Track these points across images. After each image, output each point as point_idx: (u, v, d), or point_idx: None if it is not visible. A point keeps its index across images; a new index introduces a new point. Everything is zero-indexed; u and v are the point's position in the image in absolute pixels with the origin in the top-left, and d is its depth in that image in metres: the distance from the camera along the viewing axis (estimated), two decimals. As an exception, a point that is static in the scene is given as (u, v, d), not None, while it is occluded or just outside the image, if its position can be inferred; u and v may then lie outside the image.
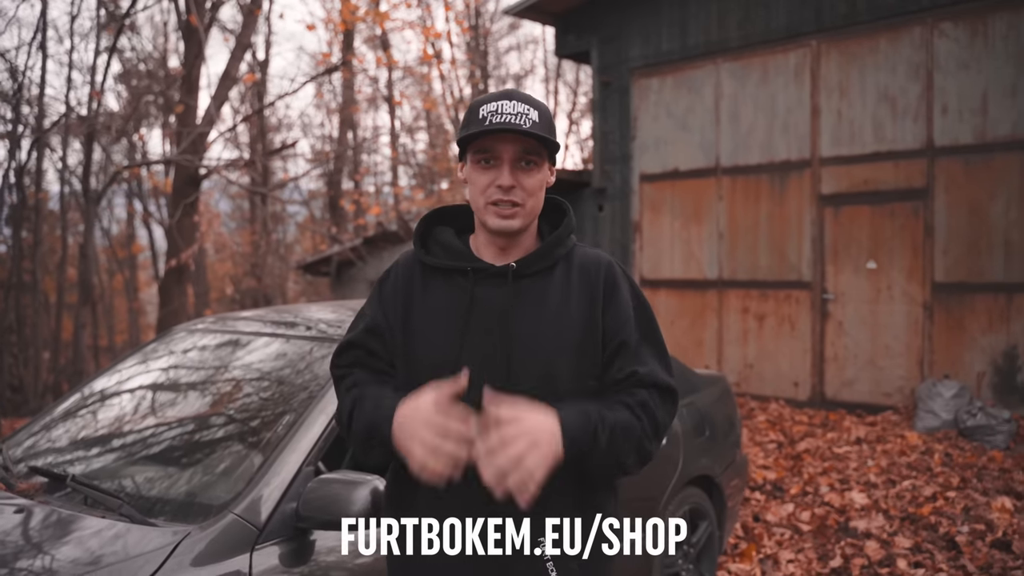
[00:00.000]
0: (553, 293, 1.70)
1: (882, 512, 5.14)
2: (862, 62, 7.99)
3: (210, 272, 25.43)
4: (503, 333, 1.65)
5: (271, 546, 2.12)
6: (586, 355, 1.69)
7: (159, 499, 2.24)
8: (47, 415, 3.04)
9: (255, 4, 12.42)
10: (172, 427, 2.65)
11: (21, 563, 1.99)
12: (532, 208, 1.69)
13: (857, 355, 8.05)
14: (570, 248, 1.77)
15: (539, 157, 1.68)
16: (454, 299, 1.70)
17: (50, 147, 15.36)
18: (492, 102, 1.65)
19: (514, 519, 1.63)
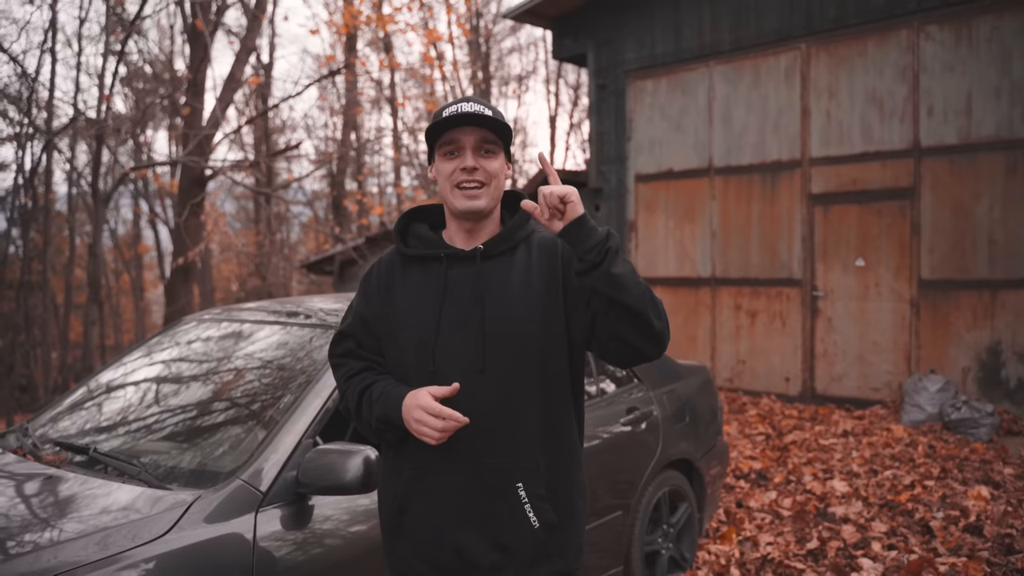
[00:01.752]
0: (517, 270, 1.92)
1: (861, 499, 5.35)
2: (851, 64, 8.20)
3: (215, 272, 25.67)
4: (475, 307, 1.88)
5: (274, 509, 2.35)
6: (550, 321, 1.90)
7: (173, 468, 2.46)
8: (68, 397, 3.27)
9: (259, 8, 12.67)
10: (183, 407, 2.87)
11: (55, 519, 2.22)
12: (495, 190, 1.92)
13: (846, 351, 8.26)
14: (529, 232, 1.99)
15: (496, 147, 1.92)
16: (430, 281, 1.93)
17: (58, 149, 15.61)
18: (453, 105, 1.91)
19: (492, 469, 1.85)
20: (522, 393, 1.88)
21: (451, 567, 1.88)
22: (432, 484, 1.88)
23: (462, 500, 1.86)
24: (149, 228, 24.75)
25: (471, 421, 1.80)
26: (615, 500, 3.60)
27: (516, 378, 1.87)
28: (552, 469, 1.90)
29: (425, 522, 1.89)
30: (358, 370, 1.99)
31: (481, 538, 1.85)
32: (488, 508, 1.86)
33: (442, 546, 1.87)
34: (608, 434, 3.62)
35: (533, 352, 1.89)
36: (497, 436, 1.86)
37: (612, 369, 3.98)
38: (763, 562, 4.37)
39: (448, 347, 1.87)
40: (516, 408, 1.87)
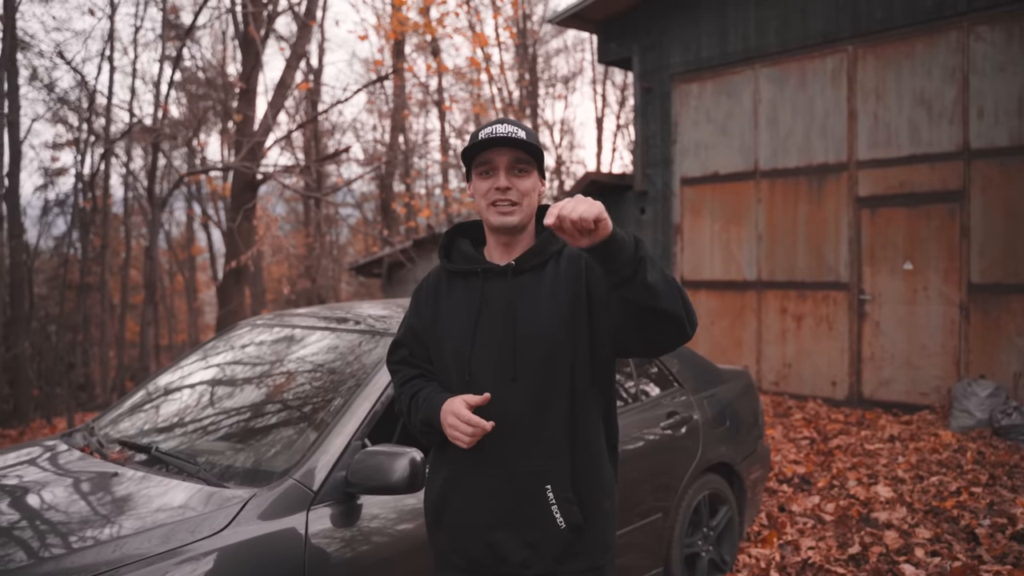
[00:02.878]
0: (547, 283, 2.02)
1: (906, 505, 5.32)
2: (898, 66, 8.12)
3: (266, 274, 26.15)
4: (507, 319, 1.99)
5: (324, 507, 2.46)
6: (576, 330, 1.99)
7: (229, 467, 2.60)
8: (130, 398, 3.43)
9: (309, 15, 12.93)
10: (238, 408, 3.01)
11: (120, 514, 2.37)
12: (527, 207, 2.02)
13: (894, 355, 8.18)
14: (561, 246, 2.08)
15: (529, 166, 2.01)
16: (470, 295, 2.05)
17: (116, 154, 16.10)
18: (488, 127, 2.02)
19: (522, 472, 1.97)
20: (550, 400, 1.98)
21: (484, 562, 2.00)
22: (467, 484, 2.02)
23: (494, 500, 1.98)
24: (202, 230, 25.32)
25: (503, 426, 1.93)
26: (655, 502, 3.66)
27: (545, 386, 1.98)
28: (579, 472, 2.00)
29: (461, 519, 2.03)
30: (410, 377, 2.15)
31: (512, 536, 1.97)
32: (518, 508, 1.97)
33: (476, 542, 2.00)
34: (649, 438, 3.68)
35: (560, 361, 1.98)
36: (527, 441, 1.97)
37: (653, 373, 4.04)
38: (804, 566, 4.39)
39: (483, 357, 2.00)
40: (545, 414, 1.98)
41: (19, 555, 2.17)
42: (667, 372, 4.08)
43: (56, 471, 2.76)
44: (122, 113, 15.68)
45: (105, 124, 13.19)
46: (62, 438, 3.21)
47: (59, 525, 2.34)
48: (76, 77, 11.63)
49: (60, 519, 2.38)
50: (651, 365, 4.05)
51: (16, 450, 3.12)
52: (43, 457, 2.94)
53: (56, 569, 2.08)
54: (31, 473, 2.78)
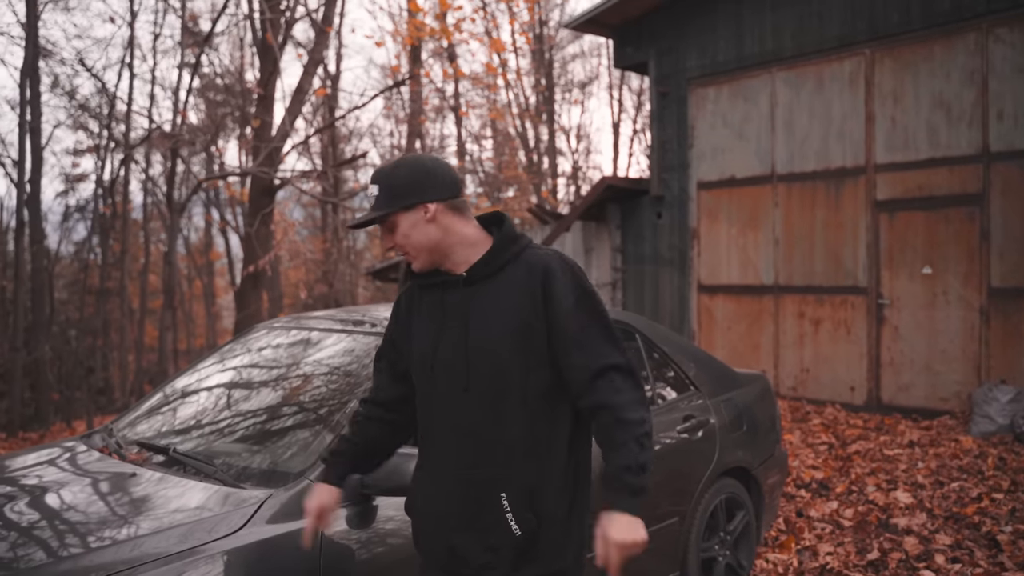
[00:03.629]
0: (500, 291, 2.01)
1: (926, 511, 5.27)
2: (916, 69, 8.07)
3: (284, 278, 26.28)
4: (461, 329, 2.01)
5: (340, 508, 2.46)
6: (529, 342, 1.97)
7: (245, 468, 2.61)
8: (147, 400, 3.46)
9: (326, 22, 13.01)
10: (255, 410, 3.03)
11: (138, 513, 2.39)
12: (418, 246, 2.03)
13: (913, 360, 8.11)
14: (519, 251, 2.05)
15: (392, 221, 2.03)
16: (433, 306, 2.09)
17: (135, 160, 16.25)
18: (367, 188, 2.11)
19: (479, 479, 2.00)
20: (504, 409, 1.98)
21: (447, 563, 2.06)
22: (430, 488, 2.09)
23: (453, 504, 2.03)
24: (220, 236, 25.50)
25: (460, 434, 2.00)
26: (672, 506, 3.64)
27: (497, 395, 1.98)
28: (536, 480, 1.99)
29: (425, 521, 2.11)
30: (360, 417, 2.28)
31: (473, 540, 2.00)
32: (477, 513, 2.00)
33: (438, 544, 2.06)
34: (665, 441, 3.67)
35: (512, 370, 1.97)
36: (482, 449, 1.99)
37: (670, 376, 4.03)
38: (822, 572, 4.36)
39: (443, 367, 2.03)
40: (499, 423, 1.98)
41: (39, 554, 2.19)
42: (684, 375, 4.07)
43: (75, 471, 2.78)
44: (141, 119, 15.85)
45: (125, 130, 13.32)
46: (81, 439, 3.24)
47: (78, 524, 2.36)
48: (97, 84, 11.76)
49: (79, 518, 2.40)
50: (668, 368, 4.04)
51: (36, 451, 3.15)
52: (63, 458, 2.96)
53: (75, 567, 2.09)
54: (51, 473, 2.81)
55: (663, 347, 4.05)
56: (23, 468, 2.89)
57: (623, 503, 1.88)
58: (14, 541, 2.27)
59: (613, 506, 1.88)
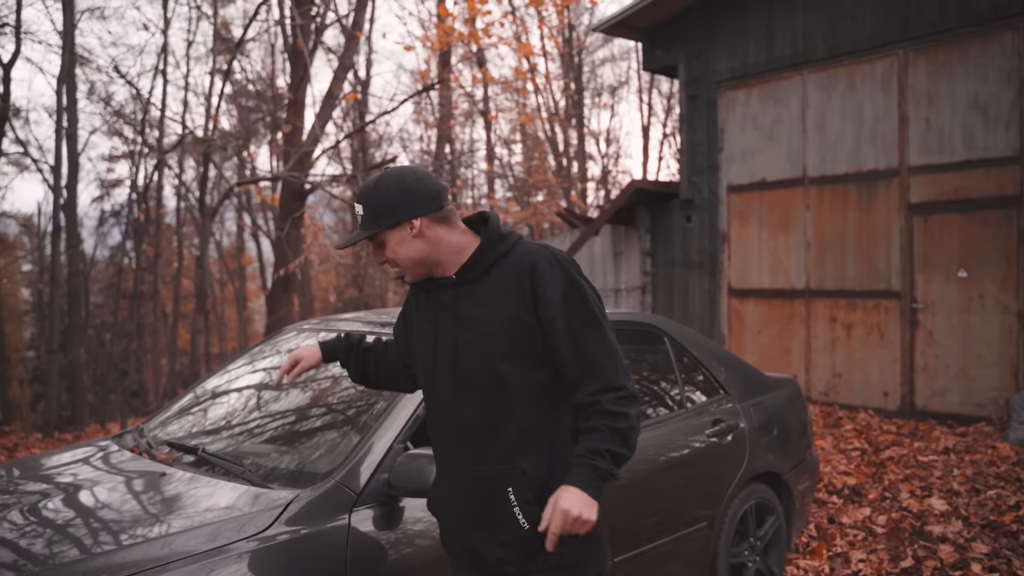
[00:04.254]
0: (488, 292, 2.03)
1: (962, 518, 5.17)
2: (951, 70, 7.95)
3: (314, 282, 26.48)
4: (452, 330, 2.06)
5: (367, 509, 2.47)
6: (522, 337, 1.99)
7: (274, 468, 2.62)
8: (178, 401, 3.50)
9: (356, 27, 13.10)
10: (283, 412, 3.05)
11: (168, 512, 2.41)
12: (407, 260, 2.06)
13: (948, 365, 7.97)
14: (507, 249, 2.06)
15: (380, 235, 2.05)
16: (430, 308, 2.13)
17: (168, 166, 16.47)
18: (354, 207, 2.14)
19: (485, 476, 2.03)
20: (502, 405, 2.00)
21: (465, 560, 2.11)
22: (445, 488, 2.13)
23: (466, 504, 2.07)
24: (252, 240, 25.74)
25: (461, 434, 2.04)
26: (700, 511, 3.61)
27: (495, 392, 2.00)
28: (542, 474, 2.00)
29: (443, 521, 2.17)
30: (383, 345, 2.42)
31: (486, 537, 2.03)
32: (488, 510, 2.03)
33: (455, 542, 2.13)
34: (694, 445, 3.64)
35: (507, 366, 1.99)
36: (484, 447, 2.02)
37: (699, 380, 3.99)
38: (854, 579, 4.30)
39: (441, 367, 2.08)
40: (498, 420, 2.00)
41: (72, 551, 2.22)
42: (713, 379, 4.03)
43: (107, 470, 2.82)
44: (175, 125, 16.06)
45: (158, 136, 13.51)
46: (113, 439, 3.28)
47: (109, 522, 2.39)
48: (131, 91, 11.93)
49: (110, 516, 2.43)
50: (697, 372, 4.00)
51: (70, 450, 3.19)
52: (95, 457, 3.00)
53: (107, 564, 2.11)
54: (83, 472, 2.84)
55: (692, 350, 4.02)
56: (56, 467, 2.94)
57: (582, 478, 1.89)
58: (48, 538, 2.30)
59: (573, 480, 1.89)
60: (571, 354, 1.98)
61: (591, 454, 1.91)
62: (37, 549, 2.23)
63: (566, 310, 1.98)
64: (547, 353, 2.01)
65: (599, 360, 1.99)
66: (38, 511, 2.48)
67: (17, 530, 2.35)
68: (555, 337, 1.98)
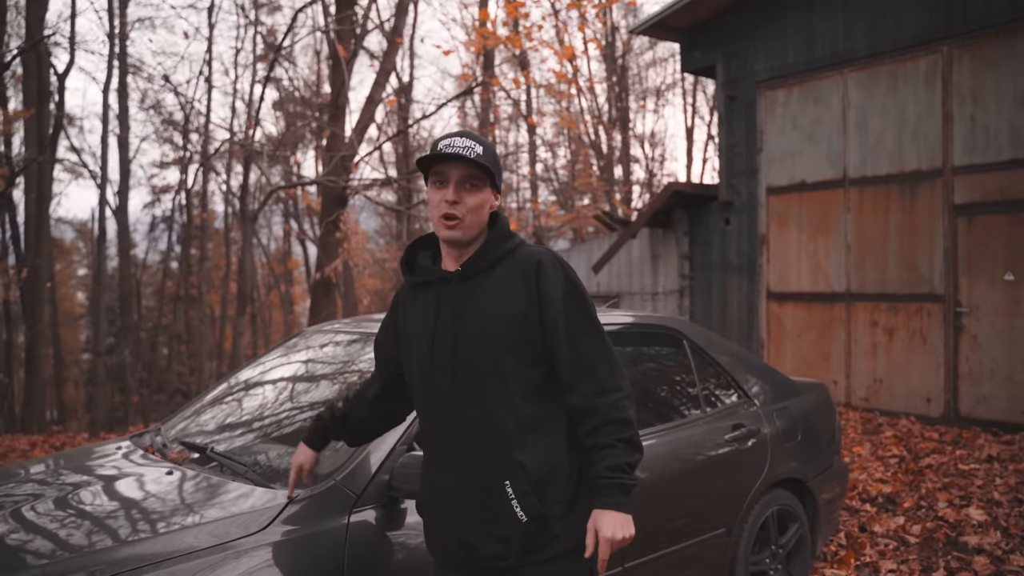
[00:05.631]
0: (494, 287, 2.05)
1: (1001, 529, 5.01)
2: (997, 66, 7.72)
3: (359, 286, 26.74)
4: (456, 324, 2.05)
5: (367, 510, 2.48)
6: (525, 334, 2.03)
7: (277, 468, 2.65)
8: (198, 401, 3.55)
9: (396, 32, 13.21)
10: (291, 411, 3.08)
11: (172, 509, 2.45)
12: (472, 223, 2.05)
13: (994, 371, 7.74)
14: (512, 248, 2.10)
15: (481, 182, 2.05)
16: (428, 303, 2.12)
17: (215, 171, 16.80)
18: (447, 138, 2.05)
19: (482, 470, 2.04)
20: (502, 400, 2.02)
21: (460, 557, 2.09)
22: (438, 484, 2.12)
23: (461, 498, 2.07)
24: (299, 244, 26.14)
25: (460, 428, 2.04)
26: (718, 517, 3.54)
27: (496, 386, 2.02)
28: (539, 468, 2.02)
29: (436, 517, 2.14)
30: (358, 393, 2.42)
31: (482, 532, 2.04)
32: (484, 504, 2.03)
33: (449, 539, 2.10)
34: (710, 450, 3.58)
35: (502, 362, 2.02)
36: (482, 441, 2.04)
37: (720, 383, 3.93)
38: (883, 590, 4.19)
39: (440, 362, 2.07)
40: (498, 414, 2.02)
41: (75, 546, 2.26)
42: (735, 383, 3.96)
43: (119, 468, 2.87)
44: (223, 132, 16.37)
45: (203, 142, 13.79)
46: (132, 439, 3.35)
47: (113, 519, 2.43)
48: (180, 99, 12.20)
49: (115, 513, 2.48)
50: (718, 376, 3.94)
51: (88, 450, 3.26)
52: (110, 455, 3.06)
53: (108, 559, 2.14)
54: (95, 470, 2.90)
55: (712, 353, 3.95)
56: (70, 465, 3.00)
57: (612, 500, 1.96)
58: (51, 534, 2.35)
59: (603, 503, 1.96)
60: (568, 354, 2.03)
61: (613, 472, 1.97)
62: (36, 545, 2.27)
63: (567, 311, 2.04)
64: (545, 352, 2.05)
65: (594, 362, 2.04)
66: (45, 508, 2.53)
67: (16, 526, 2.41)
68: (555, 336, 2.03)
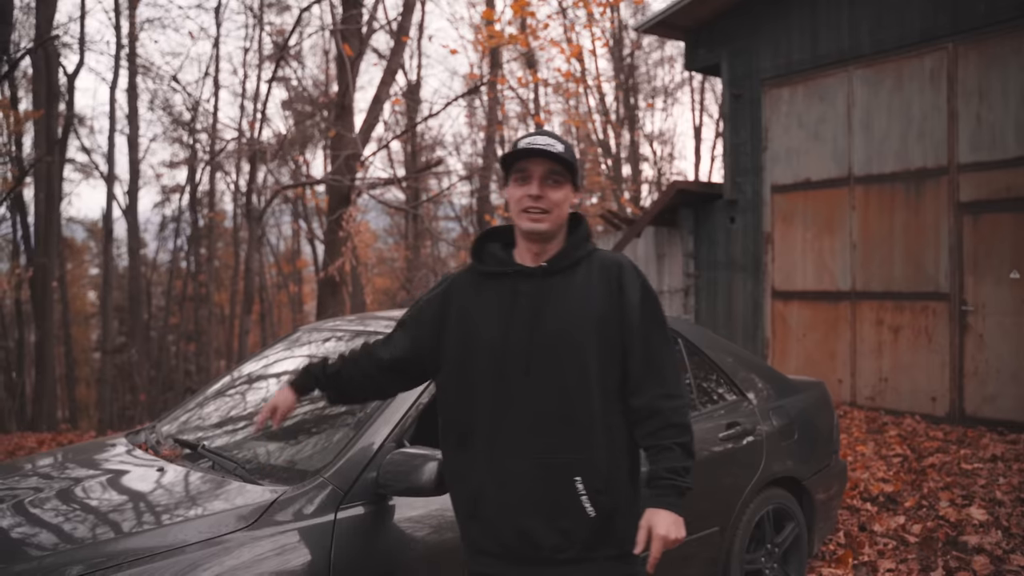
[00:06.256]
0: (576, 286, 2.11)
1: (1002, 529, 4.98)
2: (1004, 63, 7.67)
3: (370, 286, 26.79)
4: (534, 318, 2.08)
5: (354, 507, 2.49)
6: (606, 333, 2.09)
7: (267, 465, 2.66)
8: (195, 399, 3.58)
9: (403, 32, 13.23)
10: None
11: (163, 505, 2.48)
12: (556, 216, 2.12)
13: (1000, 370, 7.69)
14: (590, 251, 2.16)
15: (563, 178, 2.11)
16: (501, 294, 2.14)
17: (224, 170, 16.86)
18: (528, 137, 2.11)
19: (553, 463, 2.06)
20: (578, 397, 2.06)
21: (517, 549, 2.09)
22: (502, 474, 2.09)
23: (527, 489, 2.06)
24: (308, 244, 26.22)
25: (534, 420, 2.05)
26: (711, 515, 3.54)
27: (572, 384, 2.06)
28: (608, 464, 2.08)
29: (495, 508, 2.10)
30: (355, 354, 2.37)
31: (544, 524, 2.05)
32: (550, 497, 2.05)
33: (509, 530, 2.08)
34: (705, 448, 3.57)
35: (586, 360, 2.07)
36: (556, 435, 2.05)
37: (716, 381, 3.92)
38: (880, 589, 4.17)
39: (515, 354, 2.08)
40: (573, 411, 2.06)
41: (66, 540, 2.28)
42: (730, 381, 3.96)
43: (112, 465, 2.90)
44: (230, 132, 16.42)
45: (210, 142, 13.85)
46: (127, 436, 3.37)
47: (104, 514, 2.46)
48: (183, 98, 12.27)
49: (106, 508, 2.50)
50: (713, 373, 3.93)
51: (84, 447, 3.29)
52: (104, 452, 3.09)
53: (97, 554, 2.16)
54: (90, 466, 2.92)
55: (708, 352, 3.95)
56: (64, 461, 3.02)
57: (668, 500, 2.03)
58: (42, 529, 2.37)
59: (659, 503, 2.03)
60: (641, 357, 2.11)
61: (672, 474, 2.04)
62: (29, 540, 2.30)
63: (643, 315, 2.13)
64: (620, 354, 2.11)
65: (664, 367, 2.13)
66: (39, 504, 2.55)
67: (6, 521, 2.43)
68: (630, 337, 2.11)
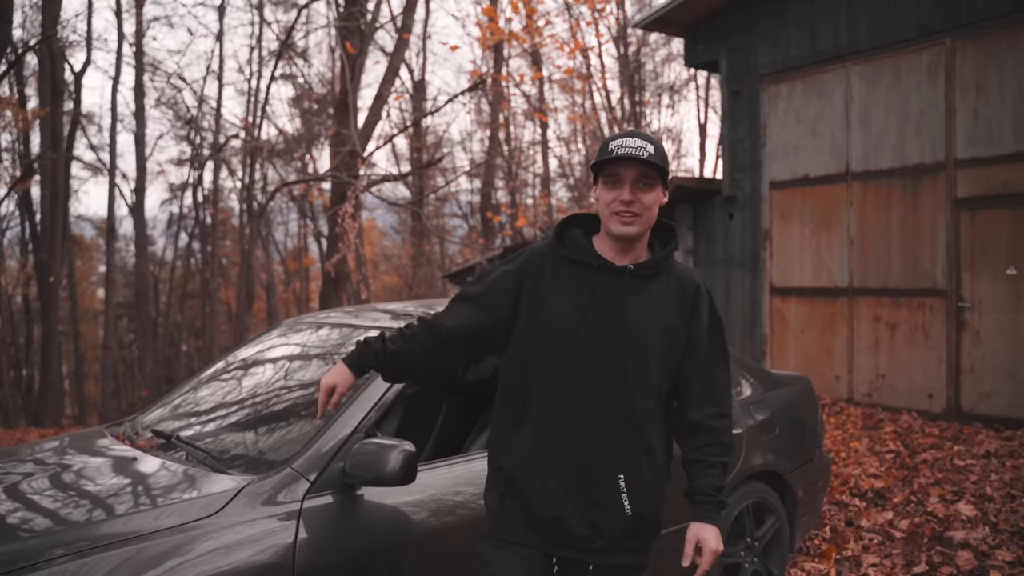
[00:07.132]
0: (656, 292, 2.17)
1: (989, 524, 4.97)
2: (1001, 58, 7.64)
3: (376, 282, 26.84)
4: (613, 315, 2.13)
5: (321, 496, 2.51)
6: (673, 346, 2.17)
7: (236, 455, 2.70)
8: (178, 391, 3.61)
9: (405, 29, 13.26)
10: (258, 401, 3.12)
11: (134, 493, 2.52)
12: (647, 219, 2.15)
13: (996, 366, 7.67)
14: (672, 262, 2.25)
15: (654, 181, 2.13)
16: (581, 283, 2.16)
17: (228, 167, 16.93)
18: (619, 139, 2.12)
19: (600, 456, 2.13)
20: (637, 397, 2.13)
21: (549, 532, 2.15)
22: (546, 460, 2.13)
23: (569, 477, 2.12)
24: (315, 242, 26.31)
25: (591, 410, 2.10)
26: (687, 508, 3.54)
27: (635, 383, 2.13)
28: (651, 466, 2.17)
29: (533, 491, 2.14)
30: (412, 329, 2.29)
31: (577, 513, 2.12)
32: (589, 489, 2.12)
33: (544, 513, 2.14)
34: (682, 442, 3.58)
35: (651, 365, 2.14)
36: (609, 429, 2.12)
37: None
38: (862, 583, 4.17)
39: (587, 343, 2.12)
40: (630, 409, 2.13)
41: (37, 526, 2.32)
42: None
43: (88, 455, 2.93)
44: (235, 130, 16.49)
45: (214, 139, 13.91)
46: (107, 428, 3.41)
47: (76, 502, 2.50)
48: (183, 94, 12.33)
49: (78, 497, 2.54)
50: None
51: (61, 438, 3.33)
52: (82, 444, 3.12)
53: (68, 539, 2.19)
54: (66, 457, 2.96)
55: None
56: (43, 452, 3.06)
57: (712, 516, 2.16)
58: (13, 513, 2.41)
59: (705, 518, 2.16)
60: (702, 375, 2.21)
61: (716, 491, 2.17)
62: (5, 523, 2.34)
63: (710, 335, 2.23)
64: (676, 367, 2.20)
65: (722, 388, 2.25)
66: (13, 492, 2.59)
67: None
68: (695, 353, 2.20)
